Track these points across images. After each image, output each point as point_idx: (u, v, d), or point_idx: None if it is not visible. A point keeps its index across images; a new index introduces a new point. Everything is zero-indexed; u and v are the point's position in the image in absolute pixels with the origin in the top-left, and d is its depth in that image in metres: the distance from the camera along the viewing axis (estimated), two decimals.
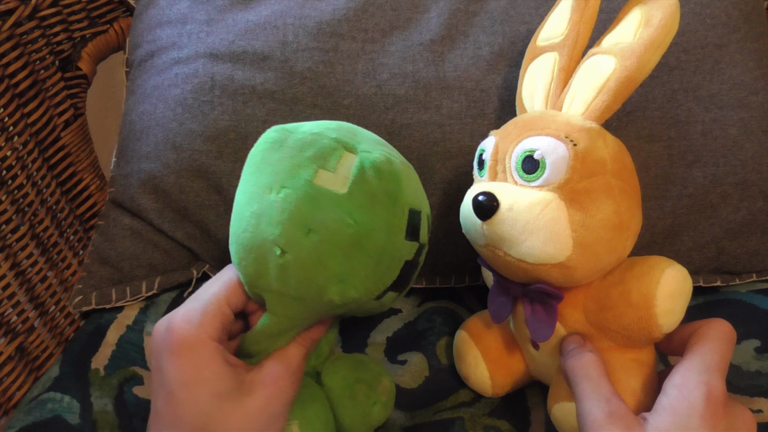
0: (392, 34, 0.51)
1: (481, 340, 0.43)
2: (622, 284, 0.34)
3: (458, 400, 0.43)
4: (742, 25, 0.51)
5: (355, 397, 0.39)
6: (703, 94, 0.50)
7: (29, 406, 0.42)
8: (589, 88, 0.37)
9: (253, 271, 0.33)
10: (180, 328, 0.31)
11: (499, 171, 0.37)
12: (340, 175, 0.32)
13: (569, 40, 0.40)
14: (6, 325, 0.44)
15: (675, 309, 0.33)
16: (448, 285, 0.53)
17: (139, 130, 0.51)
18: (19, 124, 0.48)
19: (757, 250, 0.50)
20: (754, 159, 0.49)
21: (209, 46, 0.50)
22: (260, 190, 0.33)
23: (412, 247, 0.34)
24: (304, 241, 0.31)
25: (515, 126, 0.38)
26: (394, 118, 0.49)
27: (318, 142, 0.33)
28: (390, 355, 0.47)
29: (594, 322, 0.36)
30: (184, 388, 0.30)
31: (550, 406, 0.37)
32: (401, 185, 0.33)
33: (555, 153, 0.34)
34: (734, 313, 0.48)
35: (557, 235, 0.33)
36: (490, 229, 0.34)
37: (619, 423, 0.30)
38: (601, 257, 0.34)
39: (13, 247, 0.46)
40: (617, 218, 0.34)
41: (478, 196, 0.35)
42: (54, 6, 0.51)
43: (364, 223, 0.31)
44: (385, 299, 0.35)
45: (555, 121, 0.36)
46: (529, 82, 0.42)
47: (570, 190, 0.34)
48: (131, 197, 0.50)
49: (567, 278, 0.35)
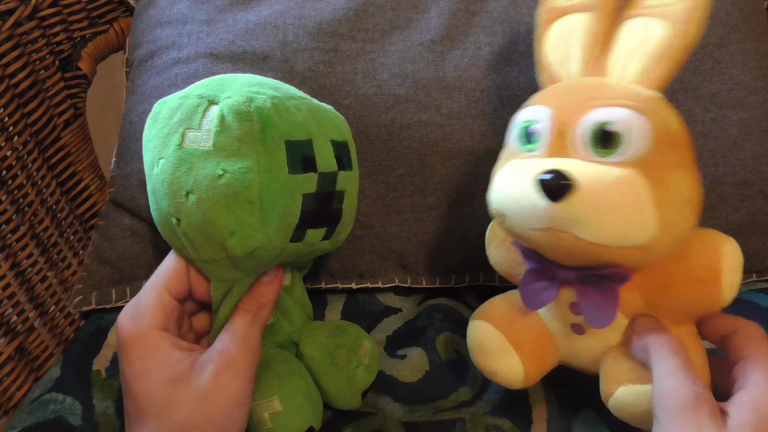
0: (392, 34, 0.51)
1: (510, 331, 0.39)
2: (685, 260, 0.33)
3: (458, 399, 0.43)
4: (742, 25, 0.51)
5: (336, 363, 0.39)
6: (703, 94, 0.50)
7: (31, 406, 0.42)
8: (644, 54, 0.34)
9: (174, 245, 0.35)
10: (123, 325, 0.32)
11: (562, 144, 0.33)
12: (204, 130, 0.32)
13: (604, 0, 0.36)
14: (6, 325, 0.44)
15: (738, 281, 0.33)
16: (449, 285, 0.53)
17: (139, 130, 0.50)
18: (19, 124, 0.48)
19: (757, 250, 0.50)
20: (754, 159, 0.49)
21: (209, 46, 0.50)
22: (148, 167, 0.34)
23: (308, 179, 0.33)
24: (187, 205, 0.32)
25: (572, 94, 0.34)
26: (394, 118, 0.49)
27: (184, 105, 0.33)
28: (389, 350, 0.47)
29: (653, 301, 0.34)
30: (136, 381, 0.31)
31: (610, 389, 0.34)
32: (269, 120, 0.32)
33: (634, 125, 0.31)
34: (735, 311, 0.47)
35: (642, 214, 0.30)
36: (563, 210, 0.30)
37: (706, 407, 0.29)
38: (678, 235, 0.32)
39: (13, 247, 0.46)
40: (690, 192, 0.32)
41: (543, 175, 0.31)
42: (54, 6, 0.51)
43: (234, 170, 0.31)
44: (309, 239, 0.35)
45: (620, 90, 0.33)
46: (558, 45, 0.38)
47: (649, 164, 0.31)
48: (131, 197, 0.50)
49: (646, 260, 0.32)
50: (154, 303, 0.33)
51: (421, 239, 0.51)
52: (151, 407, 0.30)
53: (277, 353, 0.38)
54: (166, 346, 0.32)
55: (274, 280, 0.36)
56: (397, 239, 0.51)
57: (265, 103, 0.33)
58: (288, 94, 0.35)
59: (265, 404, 0.36)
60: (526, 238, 0.34)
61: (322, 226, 0.35)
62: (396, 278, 0.52)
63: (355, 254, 0.51)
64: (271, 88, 0.35)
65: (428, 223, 0.51)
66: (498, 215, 0.35)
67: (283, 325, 0.39)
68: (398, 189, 0.50)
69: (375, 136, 0.49)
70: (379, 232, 0.51)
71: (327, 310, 0.51)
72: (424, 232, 0.51)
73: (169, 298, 0.34)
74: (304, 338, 0.39)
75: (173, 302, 0.34)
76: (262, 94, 0.33)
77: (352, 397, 0.40)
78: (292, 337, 0.40)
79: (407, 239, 0.51)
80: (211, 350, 0.32)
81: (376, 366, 0.42)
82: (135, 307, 0.33)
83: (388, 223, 0.51)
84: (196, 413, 0.30)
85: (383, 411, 0.42)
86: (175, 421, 0.30)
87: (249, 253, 0.32)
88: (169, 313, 0.33)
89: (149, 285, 0.34)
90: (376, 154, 0.49)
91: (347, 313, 0.51)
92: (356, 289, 0.53)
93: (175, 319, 0.34)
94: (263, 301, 0.35)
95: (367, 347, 0.41)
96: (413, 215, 0.51)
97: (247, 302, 0.35)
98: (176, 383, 0.31)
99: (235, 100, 0.32)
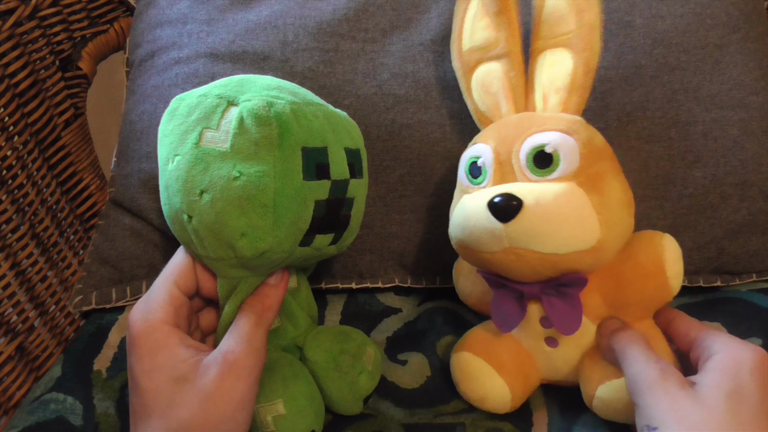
0: (392, 34, 0.51)
1: (490, 356, 0.40)
2: (632, 258, 0.37)
3: (460, 406, 0.42)
4: (742, 25, 0.51)
5: (340, 369, 0.39)
6: (704, 94, 0.50)
7: (32, 406, 0.42)
8: (558, 88, 0.39)
9: (183, 240, 0.35)
10: (134, 320, 0.32)
11: (505, 173, 0.37)
12: (222, 131, 0.32)
13: (510, 47, 0.40)
14: (6, 324, 0.44)
15: (680, 270, 0.37)
16: (449, 285, 0.53)
17: (139, 130, 0.51)
18: (19, 124, 0.48)
19: (757, 251, 0.50)
20: (754, 159, 0.49)
21: (209, 45, 0.50)
22: (162, 162, 0.35)
23: (321, 186, 0.34)
24: (200, 204, 0.32)
25: (507, 128, 0.38)
26: (395, 118, 0.49)
27: (203, 103, 0.33)
28: (390, 354, 0.47)
29: (612, 301, 0.37)
30: (144, 377, 0.31)
31: (591, 391, 0.37)
32: (287, 126, 0.32)
33: (566, 144, 0.35)
34: (735, 311, 0.48)
35: (586, 220, 0.34)
36: (515, 229, 0.34)
37: (672, 379, 0.31)
38: (621, 234, 0.36)
39: (13, 246, 0.46)
40: (626, 196, 0.36)
41: (494, 199, 0.34)
42: (54, 6, 0.51)
43: (250, 173, 0.31)
44: (317, 243, 0.35)
45: (546, 119, 0.38)
46: (483, 94, 0.42)
47: (584, 176, 0.35)
48: (131, 197, 0.50)
49: (597, 261, 0.35)
50: (163, 298, 0.33)
51: (421, 239, 0.51)
52: (157, 404, 0.31)
53: (282, 356, 0.38)
54: (174, 343, 0.32)
55: (280, 282, 0.36)
56: (397, 239, 0.51)
57: (284, 108, 0.33)
58: (306, 100, 0.35)
59: (268, 407, 0.36)
60: (488, 263, 0.37)
61: (331, 231, 0.36)
62: (396, 278, 0.52)
63: (355, 254, 0.51)
64: (290, 93, 0.35)
65: (428, 223, 0.51)
66: (460, 248, 0.39)
67: (288, 329, 0.39)
68: (398, 189, 0.50)
69: (375, 136, 0.49)
70: (379, 232, 0.51)
71: (327, 310, 0.51)
72: (424, 232, 0.51)
73: (178, 293, 0.34)
74: (308, 342, 0.40)
75: (182, 297, 0.34)
76: (281, 99, 0.33)
77: (353, 403, 0.40)
78: (297, 341, 0.40)
79: (407, 239, 0.51)
80: (216, 351, 0.32)
81: (378, 373, 0.42)
82: (145, 303, 0.33)
83: (388, 223, 0.51)
84: (199, 414, 0.30)
85: (384, 414, 0.42)
86: (178, 420, 0.30)
87: (258, 255, 0.33)
88: (179, 308, 0.34)
89: (158, 281, 0.34)
90: (376, 154, 0.49)
91: (347, 314, 0.51)
92: (356, 290, 0.53)
93: (185, 315, 0.34)
94: (269, 303, 0.35)
95: (371, 354, 0.41)
96: (413, 215, 0.51)
97: (252, 303, 0.35)
98: (181, 382, 0.31)
99: (255, 104, 0.32)
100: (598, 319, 0.38)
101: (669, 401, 0.30)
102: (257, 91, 0.33)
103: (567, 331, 0.36)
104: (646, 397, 0.31)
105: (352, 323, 0.50)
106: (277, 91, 0.34)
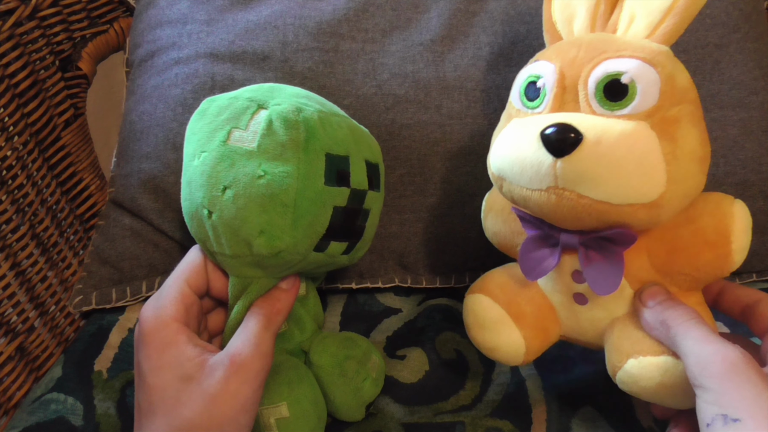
0: (392, 34, 0.51)
1: (509, 304, 0.37)
2: (694, 222, 0.32)
3: (458, 402, 0.43)
4: (742, 25, 0.51)
5: (345, 374, 0.39)
6: (703, 94, 0.49)
7: (32, 406, 0.42)
8: (652, 9, 0.33)
9: (199, 236, 0.35)
10: (145, 317, 0.33)
11: (567, 100, 0.32)
12: (250, 131, 0.33)
13: None
14: (6, 325, 0.45)
15: (747, 245, 0.32)
16: (449, 285, 0.53)
17: (139, 130, 0.51)
18: (19, 124, 0.48)
19: (757, 250, 0.50)
20: (754, 159, 0.49)
21: (209, 46, 0.50)
22: (188, 158, 0.35)
23: (341, 193, 0.34)
24: (222, 199, 0.33)
25: (578, 49, 0.33)
26: (394, 118, 0.49)
27: (233, 105, 0.34)
28: (389, 350, 0.47)
29: (661, 266, 0.33)
30: (151, 374, 0.31)
31: (618, 362, 0.32)
32: (314, 132, 0.33)
33: (646, 76, 0.30)
34: None
35: (652, 169, 0.29)
36: (568, 167, 0.29)
37: (754, 367, 0.27)
38: (688, 193, 0.31)
39: (13, 247, 0.46)
40: (702, 149, 0.31)
41: (549, 128, 0.29)
42: (54, 6, 0.51)
43: (275, 173, 0.32)
44: (331, 250, 0.36)
45: (626, 43, 0.32)
46: (565, 4, 0.37)
47: (659, 118, 0.30)
48: (131, 197, 0.50)
49: (653, 219, 0.30)
50: (174, 296, 0.33)
51: (421, 239, 0.51)
52: (163, 402, 0.31)
53: (287, 359, 0.39)
54: (183, 341, 0.32)
55: (291, 287, 0.37)
56: (397, 239, 0.51)
57: (312, 114, 0.34)
58: (332, 111, 0.36)
59: (272, 409, 0.36)
60: (527, 201, 0.32)
61: (345, 240, 0.36)
62: (396, 278, 0.52)
63: None
64: (317, 103, 0.36)
65: (428, 223, 0.51)
66: (498, 179, 0.34)
67: (295, 334, 0.40)
68: (398, 189, 0.50)
69: (375, 136, 0.49)
70: (379, 232, 0.51)
71: (327, 311, 0.51)
72: (424, 232, 0.51)
73: (189, 291, 0.34)
74: (314, 347, 0.40)
75: (193, 296, 0.35)
76: (309, 106, 0.35)
77: (356, 409, 0.40)
78: (302, 346, 0.40)
79: (407, 239, 0.51)
80: (223, 352, 0.32)
81: (382, 381, 0.42)
82: (156, 299, 0.33)
83: (388, 223, 0.51)
84: (203, 414, 0.30)
85: (383, 412, 0.42)
86: (182, 419, 0.30)
87: (274, 254, 0.33)
88: (189, 306, 0.34)
89: (170, 279, 0.35)
90: None
91: (347, 314, 0.51)
92: (356, 290, 0.53)
93: (195, 314, 0.35)
94: (279, 307, 0.35)
95: (375, 361, 0.42)
96: (413, 215, 0.51)
97: (262, 305, 0.35)
98: (187, 381, 0.31)
99: (284, 108, 0.33)
100: (638, 284, 0.33)
101: (753, 391, 0.26)
102: (287, 98, 0.35)
103: (602, 291, 0.32)
104: (725, 381, 0.27)
105: (352, 323, 0.50)
106: (306, 99, 0.36)
